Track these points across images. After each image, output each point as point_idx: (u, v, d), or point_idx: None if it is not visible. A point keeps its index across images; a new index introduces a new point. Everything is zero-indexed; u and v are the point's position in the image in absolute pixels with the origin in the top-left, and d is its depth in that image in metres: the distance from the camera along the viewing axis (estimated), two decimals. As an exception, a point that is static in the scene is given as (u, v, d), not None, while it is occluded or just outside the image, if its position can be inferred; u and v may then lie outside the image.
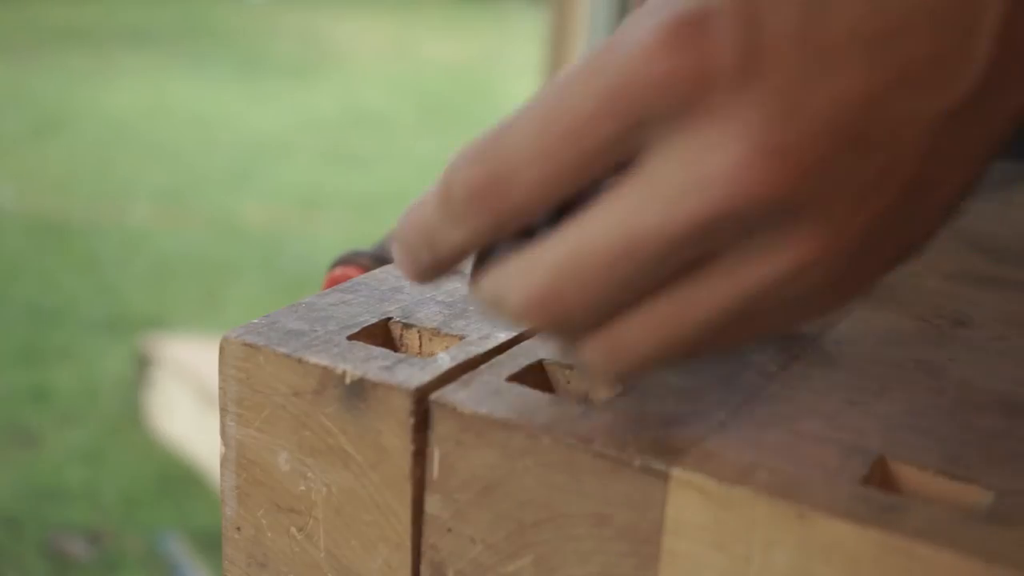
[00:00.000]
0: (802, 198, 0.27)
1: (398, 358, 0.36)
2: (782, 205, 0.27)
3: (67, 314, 3.10)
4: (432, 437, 0.34)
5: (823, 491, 0.29)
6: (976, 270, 0.49)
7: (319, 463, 0.36)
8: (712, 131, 0.27)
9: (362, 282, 0.43)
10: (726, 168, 0.27)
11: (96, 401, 2.65)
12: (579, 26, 2.53)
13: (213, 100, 5.61)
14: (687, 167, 0.27)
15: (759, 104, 0.27)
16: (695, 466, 0.30)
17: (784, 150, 0.27)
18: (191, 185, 4.31)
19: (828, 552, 0.28)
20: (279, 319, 0.38)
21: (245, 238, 3.80)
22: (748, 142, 0.27)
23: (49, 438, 2.47)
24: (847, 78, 0.27)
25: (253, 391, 0.36)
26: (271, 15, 8.02)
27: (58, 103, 5.28)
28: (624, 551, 0.31)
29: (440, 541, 0.34)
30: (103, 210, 3.95)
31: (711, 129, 0.27)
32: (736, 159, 0.27)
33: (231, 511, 0.38)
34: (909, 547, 0.27)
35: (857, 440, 0.32)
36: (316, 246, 3.69)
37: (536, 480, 0.32)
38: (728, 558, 0.30)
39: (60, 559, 2.06)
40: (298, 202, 4.20)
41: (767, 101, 0.27)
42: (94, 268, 3.45)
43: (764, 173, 0.27)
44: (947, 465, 0.31)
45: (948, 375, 0.38)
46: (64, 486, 2.29)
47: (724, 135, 0.27)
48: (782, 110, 0.27)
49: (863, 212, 0.28)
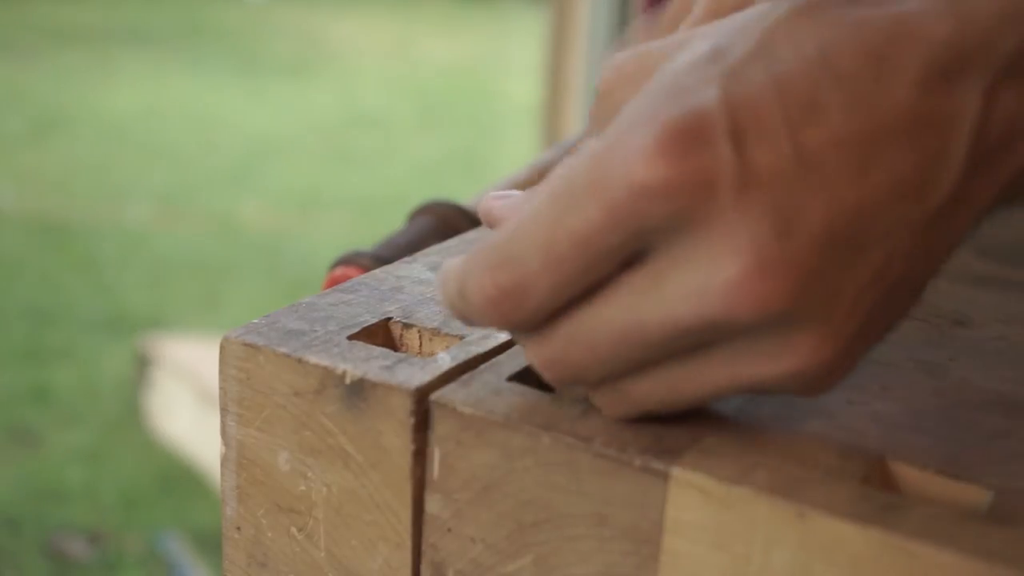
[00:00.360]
0: (800, 308, 0.28)
1: (398, 358, 0.36)
2: (780, 317, 0.28)
3: (67, 314, 3.10)
4: (432, 437, 0.34)
5: (823, 491, 0.29)
6: (976, 270, 0.49)
7: (319, 463, 0.36)
8: (712, 243, 0.28)
9: (362, 282, 0.43)
10: (725, 282, 0.28)
11: (96, 401, 2.65)
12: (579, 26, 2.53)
13: (213, 100, 5.61)
14: (689, 273, 0.28)
15: (756, 218, 0.28)
16: (695, 466, 0.30)
17: (782, 265, 0.28)
18: (191, 185, 4.31)
19: (828, 551, 0.28)
20: (279, 319, 0.38)
21: (245, 238, 3.80)
22: (747, 257, 0.28)
23: (49, 438, 2.47)
24: (839, 189, 0.28)
25: (253, 391, 0.36)
26: (271, 15, 8.01)
27: (58, 103, 5.28)
28: (624, 551, 0.31)
29: (440, 541, 0.34)
30: (103, 210, 3.95)
31: (711, 240, 0.28)
32: (735, 274, 0.28)
33: (231, 511, 0.38)
34: (909, 546, 0.27)
35: (857, 440, 0.32)
36: (316, 246, 3.69)
37: (536, 480, 0.32)
38: (728, 557, 0.30)
39: (60, 559, 2.06)
40: (298, 202, 4.20)
41: (764, 215, 0.28)
42: (94, 268, 3.45)
43: (762, 288, 0.28)
44: (947, 465, 0.31)
45: (948, 375, 0.38)
46: (64, 486, 2.29)
47: (724, 248, 0.28)
48: (779, 224, 0.28)
49: (858, 313, 0.29)
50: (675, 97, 0.29)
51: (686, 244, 0.28)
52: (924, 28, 0.29)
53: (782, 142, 0.28)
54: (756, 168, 0.28)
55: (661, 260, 0.29)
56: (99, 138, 4.81)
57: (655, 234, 0.29)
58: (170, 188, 4.25)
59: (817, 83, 0.28)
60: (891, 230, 0.29)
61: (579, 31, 2.52)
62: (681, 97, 0.29)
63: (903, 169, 0.28)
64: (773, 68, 0.29)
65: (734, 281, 0.28)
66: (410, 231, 0.53)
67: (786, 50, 0.29)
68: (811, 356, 0.29)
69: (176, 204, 4.09)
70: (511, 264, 0.30)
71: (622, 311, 0.30)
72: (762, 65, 0.29)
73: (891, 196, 0.28)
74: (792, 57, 0.29)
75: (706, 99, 0.28)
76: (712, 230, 0.28)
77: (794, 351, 0.29)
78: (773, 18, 0.30)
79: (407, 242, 0.52)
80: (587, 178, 0.29)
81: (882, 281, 0.29)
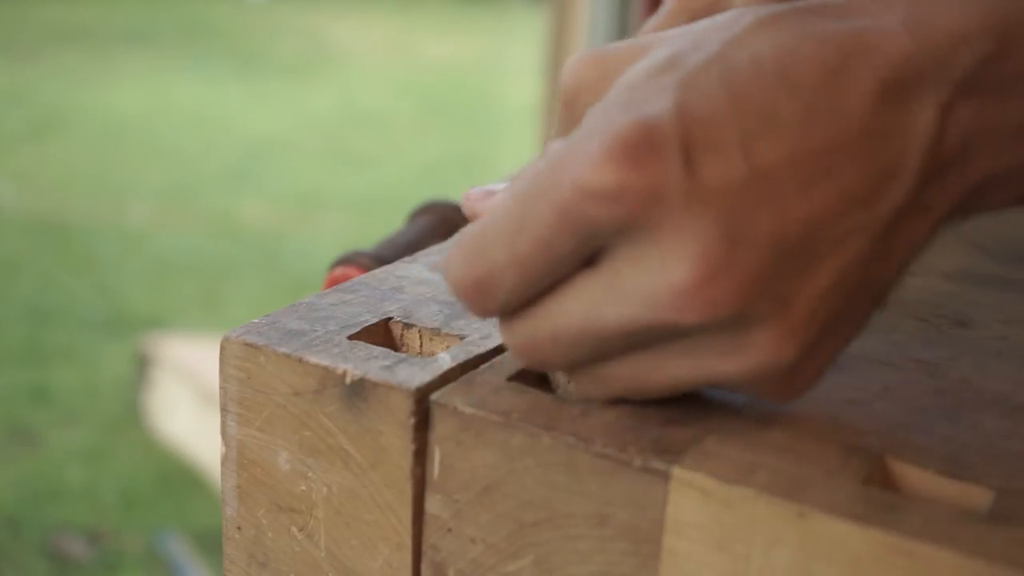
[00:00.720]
0: (751, 311, 0.29)
1: (399, 358, 0.36)
2: (730, 320, 0.29)
3: (67, 314, 3.10)
4: (432, 437, 0.34)
5: (824, 491, 0.29)
6: (976, 270, 0.49)
7: (320, 463, 0.36)
8: (661, 248, 0.29)
9: (362, 282, 0.43)
10: (673, 286, 0.29)
11: (96, 401, 2.64)
12: (579, 26, 2.53)
13: (213, 100, 5.61)
14: (640, 276, 0.29)
15: (704, 227, 0.28)
16: (695, 466, 0.30)
17: (728, 272, 0.28)
18: (191, 185, 4.31)
19: (829, 552, 0.28)
20: (279, 319, 0.38)
21: (245, 238, 3.80)
22: (695, 263, 0.28)
23: (49, 438, 2.47)
24: (787, 201, 0.29)
25: (254, 391, 0.36)
26: (271, 15, 8.02)
27: (58, 103, 5.28)
28: (624, 551, 0.31)
29: (441, 541, 0.34)
30: (103, 210, 3.95)
31: (660, 245, 0.29)
32: (682, 279, 0.29)
33: (232, 511, 0.38)
34: (910, 546, 0.27)
35: (857, 440, 0.32)
36: (316, 246, 3.69)
37: (536, 480, 0.32)
38: (729, 557, 0.30)
39: (60, 559, 2.06)
40: (298, 202, 4.20)
41: (712, 224, 0.28)
42: (94, 268, 3.45)
43: (708, 293, 0.29)
44: (947, 465, 0.31)
45: (948, 375, 0.38)
46: (64, 486, 2.29)
47: (672, 254, 0.29)
48: (727, 233, 0.28)
49: (817, 316, 0.30)
50: (629, 106, 0.29)
51: (636, 248, 0.29)
52: (882, 43, 0.29)
53: (734, 155, 0.29)
54: (706, 181, 0.28)
55: (615, 261, 0.30)
56: (99, 138, 4.81)
57: (608, 237, 0.30)
58: (170, 188, 4.25)
59: (773, 95, 0.29)
60: (843, 239, 0.29)
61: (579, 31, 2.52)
62: (635, 106, 0.29)
63: (853, 180, 0.29)
64: (729, 77, 0.29)
65: (681, 286, 0.29)
66: (410, 231, 0.53)
67: (743, 60, 0.29)
68: (768, 353, 0.30)
69: (176, 204, 4.09)
70: (481, 257, 0.31)
71: (581, 307, 0.31)
72: (717, 74, 0.29)
73: (840, 206, 0.29)
74: (749, 67, 0.29)
75: (659, 109, 0.29)
76: (661, 235, 0.29)
77: (750, 348, 0.30)
78: (736, 27, 0.30)
79: (407, 242, 0.52)
80: (544, 181, 0.30)
81: (840, 287, 0.30)
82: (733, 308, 0.29)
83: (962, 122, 0.30)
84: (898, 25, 0.30)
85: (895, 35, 0.30)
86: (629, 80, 0.30)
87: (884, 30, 0.30)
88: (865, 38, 0.30)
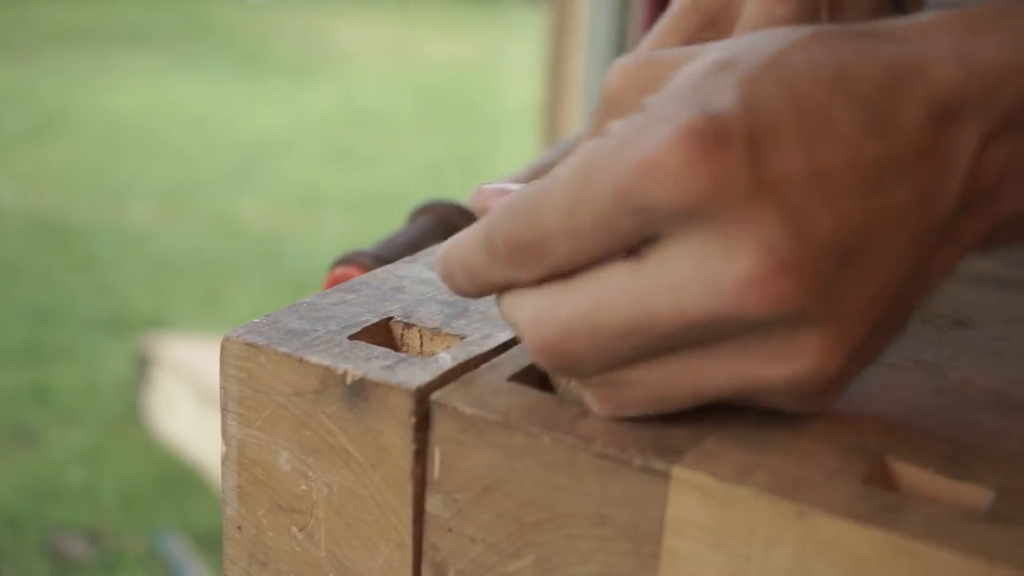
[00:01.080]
0: (810, 310, 0.29)
1: (399, 358, 0.36)
2: (790, 316, 0.29)
3: (67, 314, 3.10)
4: (433, 437, 0.34)
5: (824, 490, 0.29)
6: (976, 270, 0.49)
7: (320, 463, 0.36)
8: (727, 239, 0.29)
9: (363, 282, 0.43)
10: (739, 278, 0.28)
11: (96, 401, 2.64)
12: (579, 26, 2.53)
13: (213, 100, 5.61)
14: (701, 267, 0.29)
15: (770, 220, 0.28)
16: (696, 465, 0.30)
17: (796, 265, 0.28)
18: (191, 185, 4.31)
19: (829, 551, 0.28)
20: (280, 319, 0.38)
21: (245, 238, 3.80)
22: (761, 256, 0.28)
23: (49, 438, 2.47)
24: (848, 204, 0.29)
25: (254, 391, 0.36)
26: (271, 15, 8.01)
27: (58, 103, 5.28)
28: (625, 550, 0.31)
29: (441, 541, 0.34)
30: (103, 210, 3.95)
31: (726, 237, 0.29)
32: (749, 271, 0.28)
33: (232, 511, 0.38)
34: (910, 546, 0.27)
35: (857, 440, 0.32)
36: (316, 246, 3.69)
37: (537, 480, 0.32)
38: (729, 557, 0.30)
39: (60, 559, 2.06)
40: (298, 202, 4.20)
41: (778, 218, 0.28)
42: (94, 268, 3.45)
43: (776, 285, 0.28)
44: (947, 465, 0.31)
45: (948, 375, 0.38)
46: (64, 486, 2.29)
47: (738, 243, 0.28)
48: (792, 228, 0.28)
49: (864, 324, 0.30)
50: (695, 100, 0.29)
51: (696, 237, 0.29)
52: (933, 69, 0.30)
53: (796, 153, 0.29)
54: (771, 175, 0.29)
55: (669, 250, 0.29)
56: (99, 138, 4.81)
57: (665, 224, 0.29)
58: (170, 188, 4.25)
59: (831, 102, 0.29)
60: (891, 251, 0.30)
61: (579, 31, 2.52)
62: (701, 100, 0.29)
63: (902, 196, 0.30)
64: (789, 80, 0.29)
65: (749, 276, 0.28)
66: (410, 231, 0.53)
67: (801, 66, 0.30)
68: (818, 359, 0.30)
69: (176, 204, 4.09)
70: (535, 221, 0.31)
71: (627, 298, 0.30)
72: (777, 76, 0.30)
73: (893, 220, 0.30)
74: (807, 73, 0.30)
75: (725, 104, 0.29)
76: (727, 226, 0.28)
77: (802, 352, 0.30)
78: (789, 39, 0.31)
79: (408, 242, 0.52)
80: (610, 158, 0.29)
81: (883, 297, 0.30)
82: (797, 303, 0.29)
83: (999, 157, 0.31)
84: (947, 54, 0.30)
85: (944, 63, 0.30)
86: (688, 77, 0.31)
87: (934, 57, 0.30)
88: (916, 62, 0.30)
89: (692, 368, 0.31)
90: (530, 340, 0.32)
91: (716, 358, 0.30)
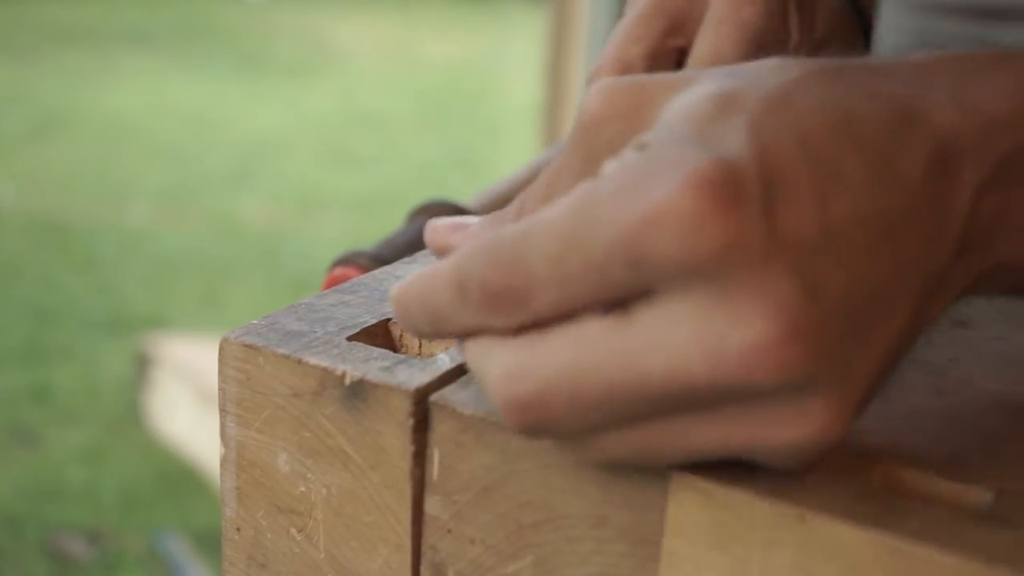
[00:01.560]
0: (820, 375, 0.27)
1: (398, 359, 0.36)
2: (798, 382, 0.27)
3: (67, 314, 3.10)
4: (432, 438, 0.34)
5: (823, 492, 0.29)
6: (976, 270, 0.49)
7: (319, 464, 0.36)
8: (736, 301, 0.26)
9: (362, 282, 0.42)
10: (748, 343, 0.26)
11: (96, 401, 2.65)
12: (579, 26, 2.53)
13: (213, 100, 5.61)
14: (703, 329, 0.27)
15: (784, 282, 0.27)
16: (695, 467, 0.30)
17: (806, 331, 0.27)
18: (191, 185, 4.31)
19: (828, 553, 0.28)
20: (279, 320, 0.38)
21: (245, 238, 3.80)
22: (773, 320, 0.26)
23: (49, 438, 2.47)
24: (858, 263, 0.28)
25: (253, 392, 0.36)
26: (271, 15, 8.02)
27: (58, 103, 5.28)
28: (624, 552, 0.31)
29: (440, 542, 0.34)
30: (103, 210, 3.95)
31: (734, 298, 0.26)
32: (759, 336, 0.26)
33: (231, 512, 0.38)
34: (909, 548, 0.27)
35: (857, 441, 0.32)
36: (316, 246, 3.69)
37: (536, 481, 0.32)
38: (728, 559, 0.30)
39: (60, 559, 2.06)
40: (298, 202, 4.20)
41: (792, 280, 0.27)
42: (94, 268, 3.45)
43: (788, 352, 0.26)
44: (947, 466, 0.31)
45: (948, 375, 0.38)
46: (64, 486, 2.29)
47: (749, 309, 0.26)
48: (803, 291, 0.27)
49: (868, 381, 0.29)
50: (703, 142, 0.28)
51: (698, 295, 0.27)
52: (934, 113, 0.29)
53: (809, 208, 0.27)
54: (784, 232, 0.27)
55: (668, 307, 0.27)
56: (99, 138, 4.81)
57: (664, 279, 0.27)
58: (170, 188, 4.25)
59: (841, 150, 0.28)
60: (896, 303, 0.29)
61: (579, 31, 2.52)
62: (710, 143, 0.28)
63: (907, 245, 0.28)
64: (799, 125, 0.28)
65: (759, 342, 0.26)
66: (410, 231, 0.53)
67: (811, 107, 0.28)
68: (823, 424, 0.28)
69: (176, 204, 4.09)
70: (520, 266, 0.28)
71: (617, 358, 0.27)
72: (787, 120, 0.28)
73: (899, 273, 0.28)
74: (818, 117, 0.28)
75: (737, 151, 0.27)
76: (737, 285, 0.26)
77: (808, 418, 0.28)
78: (791, 73, 0.29)
79: (407, 242, 0.52)
80: (608, 204, 0.27)
81: (886, 353, 0.29)
82: (807, 369, 0.27)
83: (991, 206, 0.30)
84: (945, 98, 0.30)
85: (943, 107, 0.29)
86: (688, 111, 0.29)
87: (934, 100, 0.29)
88: (918, 105, 0.29)
89: (683, 432, 0.28)
90: (500, 396, 0.29)
91: (711, 422, 0.28)
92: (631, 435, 0.29)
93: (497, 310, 0.29)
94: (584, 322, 0.28)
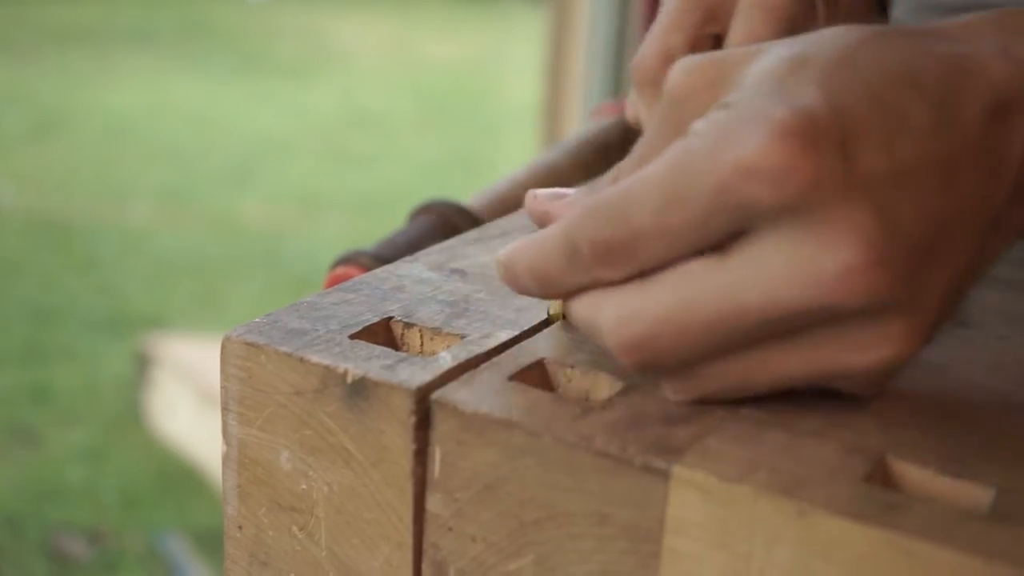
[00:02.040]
0: (902, 299, 0.30)
1: (399, 357, 0.36)
2: (880, 305, 0.30)
3: (67, 314, 3.10)
4: (433, 436, 0.34)
5: (824, 489, 0.29)
6: (976, 270, 0.49)
7: (320, 462, 0.36)
8: (825, 233, 0.30)
9: (363, 281, 0.43)
10: (839, 269, 0.29)
11: (96, 401, 2.65)
12: (579, 26, 2.53)
13: (213, 100, 5.61)
14: (797, 260, 0.30)
15: (865, 215, 0.30)
16: (696, 464, 0.30)
17: (886, 259, 0.30)
18: (192, 184, 4.31)
19: (829, 550, 0.28)
20: (280, 318, 0.38)
21: (246, 237, 3.80)
22: (859, 248, 0.29)
23: (50, 437, 2.47)
24: (927, 199, 0.30)
25: (255, 390, 0.36)
26: (271, 15, 8.01)
27: (58, 103, 5.28)
28: (625, 549, 0.31)
29: (441, 540, 0.34)
30: (103, 210, 3.95)
31: (824, 231, 0.30)
32: (848, 262, 0.29)
33: (233, 510, 0.38)
34: (910, 545, 0.27)
35: (857, 439, 0.32)
36: (317, 245, 3.69)
37: (537, 479, 0.32)
38: (729, 556, 0.30)
39: (60, 559, 2.06)
40: (298, 202, 4.20)
41: (871, 212, 0.30)
42: (94, 268, 3.45)
43: (874, 276, 0.30)
44: (947, 464, 0.31)
45: (948, 375, 0.38)
46: (64, 486, 2.29)
47: (837, 239, 0.30)
48: (880, 223, 0.30)
49: (937, 310, 0.32)
50: (781, 96, 0.30)
51: (789, 231, 0.30)
52: (985, 66, 0.32)
53: (879, 149, 0.30)
54: (859, 171, 0.30)
55: (763, 243, 0.30)
56: (99, 138, 4.81)
57: (758, 220, 0.30)
58: (171, 187, 4.25)
59: (905, 99, 0.31)
60: (959, 243, 0.31)
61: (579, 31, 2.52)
62: (787, 96, 0.30)
63: (969, 188, 0.31)
64: (864, 77, 0.31)
65: (848, 267, 0.29)
66: (411, 230, 0.53)
67: (873, 63, 0.31)
68: (900, 346, 0.31)
69: (177, 203, 4.09)
70: (624, 221, 0.31)
71: (719, 293, 0.31)
72: (852, 74, 0.31)
73: (962, 213, 0.31)
74: (878, 71, 0.31)
75: (812, 100, 0.30)
76: (823, 219, 0.29)
77: (887, 340, 0.31)
78: (854, 37, 0.32)
79: (408, 241, 0.52)
80: (703, 158, 0.30)
81: (952, 286, 0.32)
82: (889, 293, 0.30)
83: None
84: (997, 52, 0.32)
85: (995, 60, 0.32)
86: (765, 73, 0.31)
87: (985, 55, 0.32)
88: (971, 61, 0.32)
89: (774, 359, 0.32)
90: (615, 340, 0.32)
91: (800, 348, 0.31)
92: (729, 366, 0.32)
93: (608, 264, 0.32)
94: (686, 266, 0.31)
